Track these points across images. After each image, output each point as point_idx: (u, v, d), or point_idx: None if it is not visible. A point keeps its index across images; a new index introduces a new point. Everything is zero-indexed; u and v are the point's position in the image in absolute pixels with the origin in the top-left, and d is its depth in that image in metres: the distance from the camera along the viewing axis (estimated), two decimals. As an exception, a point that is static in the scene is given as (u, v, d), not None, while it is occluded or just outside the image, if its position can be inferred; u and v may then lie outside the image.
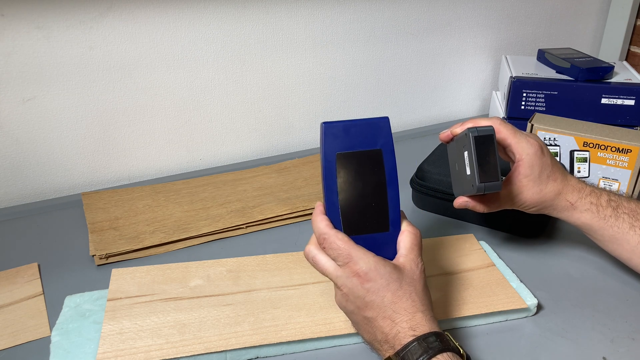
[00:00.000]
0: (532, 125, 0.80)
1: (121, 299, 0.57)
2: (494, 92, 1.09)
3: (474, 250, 0.67)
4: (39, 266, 0.66)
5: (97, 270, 0.66)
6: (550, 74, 0.96)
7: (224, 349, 0.52)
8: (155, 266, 0.63)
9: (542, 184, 0.60)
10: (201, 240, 0.71)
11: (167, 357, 0.50)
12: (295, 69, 0.95)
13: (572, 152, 0.79)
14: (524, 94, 0.93)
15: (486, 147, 0.56)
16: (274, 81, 0.95)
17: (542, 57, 1.01)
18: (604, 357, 0.54)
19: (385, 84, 1.06)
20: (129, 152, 0.88)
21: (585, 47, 1.26)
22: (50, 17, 0.75)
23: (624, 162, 0.75)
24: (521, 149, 0.59)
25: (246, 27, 0.88)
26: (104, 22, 0.78)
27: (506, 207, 0.62)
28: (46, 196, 0.85)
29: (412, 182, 0.80)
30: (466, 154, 0.57)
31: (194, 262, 0.64)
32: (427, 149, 0.87)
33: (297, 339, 0.53)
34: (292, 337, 0.53)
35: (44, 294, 0.62)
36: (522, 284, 0.61)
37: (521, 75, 0.94)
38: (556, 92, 0.92)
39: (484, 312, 0.57)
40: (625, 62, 1.01)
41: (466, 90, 1.16)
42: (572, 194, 0.60)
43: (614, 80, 0.92)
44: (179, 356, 0.51)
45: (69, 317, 0.56)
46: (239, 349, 0.52)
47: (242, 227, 0.74)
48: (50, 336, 0.54)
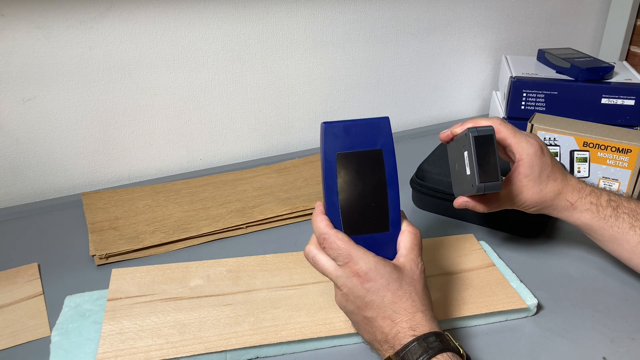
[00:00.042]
0: (532, 125, 0.80)
1: (121, 299, 0.57)
2: (494, 92, 1.09)
3: (474, 250, 0.67)
4: (39, 266, 0.66)
5: (97, 270, 0.66)
6: (550, 74, 0.96)
7: (224, 349, 0.52)
8: (155, 266, 0.63)
9: (542, 184, 0.60)
10: (201, 240, 0.71)
11: (167, 357, 0.50)
12: (295, 69, 0.95)
13: (572, 152, 0.79)
14: (524, 94, 0.93)
15: (486, 147, 0.56)
16: (274, 81, 0.95)
17: (542, 57, 1.01)
18: (604, 357, 0.54)
19: (385, 84, 1.06)
20: (129, 152, 0.88)
21: (585, 47, 1.26)
22: (50, 17, 0.75)
23: (624, 162, 0.75)
24: (521, 148, 0.59)
25: (246, 27, 0.88)
26: (104, 22, 0.78)
27: (506, 207, 0.62)
28: (46, 196, 0.85)
29: (412, 182, 0.80)
30: (466, 154, 0.57)
31: (194, 262, 0.64)
32: (427, 149, 0.87)
33: (297, 339, 0.53)
34: (292, 337, 0.53)
35: (44, 294, 0.62)
36: (522, 284, 0.61)
37: (521, 75, 0.94)
38: (556, 92, 0.92)
39: (484, 312, 0.57)
40: (625, 62, 1.01)
41: (466, 90, 1.16)
42: (572, 193, 0.61)
43: (614, 80, 0.92)
44: (179, 356, 0.51)
45: (69, 317, 0.56)
46: (239, 349, 0.52)
47: (242, 227, 0.74)
48: (50, 336, 0.54)
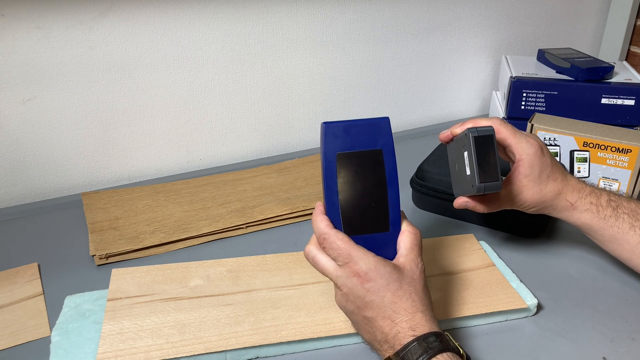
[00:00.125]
0: (532, 125, 0.80)
1: (121, 299, 0.57)
2: (494, 92, 1.09)
3: (474, 250, 0.67)
4: (39, 266, 0.66)
5: (97, 270, 0.66)
6: (550, 74, 0.96)
7: (224, 349, 0.52)
8: (155, 266, 0.63)
9: (542, 184, 0.60)
10: (201, 240, 0.71)
11: (167, 357, 0.50)
12: (295, 69, 0.95)
13: (572, 152, 0.79)
14: (524, 94, 0.93)
15: (486, 147, 0.56)
16: (274, 81, 0.95)
17: (542, 57, 1.01)
18: (604, 357, 0.54)
19: (385, 84, 1.06)
20: (129, 152, 0.88)
21: (585, 47, 1.26)
22: (50, 17, 0.75)
23: (624, 162, 0.75)
24: (521, 149, 0.59)
25: (246, 27, 0.88)
26: (104, 22, 0.78)
27: (506, 207, 0.62)
28: (46, 196, 0.85)
29: (412, 182, 0.80)
30: (466, 154, 0.57)
31: (194, 262, 0.64)
32: (427, 149, 0.87)
33: (297, 339, 0.53)
34: (292, 337, 0.53)
35: (44, 294, 0.62)
36: (522, 284, 0.61)
37: (521, 75, 0.94)
38: (556, 92, 0.92)
39: (484, 312, 0.57)
40: (625, 62, 1.01)
41: (466, 90, 1.16)
42: (572, 194, 0.60)
43: (614, 80, 0.92)
44: (179, 356, 0.51)
45: (69, 317, 0.56)
46: (239, 349, 0.52)
47: (242, 227, 0.74)
48: (50, 336, 0.54)
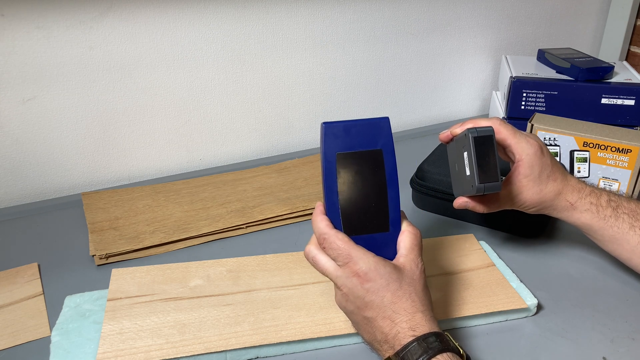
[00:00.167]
0: (532, 125, 0.80)
1: (121, 299, 0.57)
2: (494, 92, 1.09)
3: (474, 250, 0.67)
4: (39, 266, 0.66)
5: (97, 270, 0.66)
6: (550, 74, 0.96)
7: (224, 349, 0.52)
8: (155, 266, 0.63)
9: (542, 184, 0.60)
10: (201, 240, 0.71)
11: (167, 357, 0.50)
12: (295, 69, 0.95)
13: (572, 152, 0.79)
14: (524, 94, 0.93)
15: (486, 147, 0.56)
16: (274, 81, 0.95)
17: (542, 57, 1.01)
18: (604, 357, 0.54)
19: (385, 84, 1.06)
20: (129, 152, 0.88)
21: (585, 47, 1.26)
22: (50, 17, 0.75)
23: (624, 162, 0.75)
24: (521, 149, 0.59)
25: (246, 27, 0.88)
26: (104, 22, 0.78)
27: (506, 207, 0.62)
28: (46, 196, 0.85)
29: (412, 182, 0.80)
30: (466, 154, 0.57)
31: (194, 262, 0.64)
32: (427, 149, 0.87)
33: (297, 339, 0.53)
34: (292, 337, 0.53)
35: (44, 294, 0.62)
36: (522, 284, 0.61)
37: (521, 75, 0.94)
38: (556, 92, 0.92)
39: (484, 312, 0.57)
40: (625, 62, 1.01)
41: (466, 90, 1.16)
42: (572, 194, 0.60)
43: (614, 80, 0.92)
44: (179, 356, 0.51)
45: (69, 317, 0.56)
46: (239, 349, 0.52)
47: (242, 227, 0.74)
48: (50, 336, 0.54)
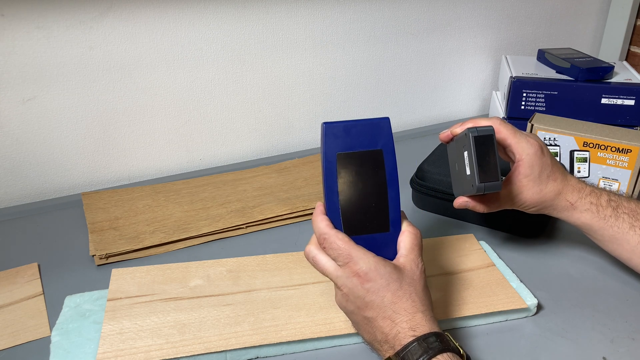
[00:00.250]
0: (532, 125, 0.80)
1: (121, 299, 0.57)
2: (494, 92, 1.09)
3: (474, 250, 0.67)
4: (39, 266, 0.66)
5: (97, 270, 0.66)
6: (550, 74, 0.96)
7: (224, 349, 0.52)
8: (155, 266, 0.63)
9: (542, 184, 0.60)
10: (201, 240, 0.71)
11: (167, 357, 0.50)
12: (295, 69, 0.95)
13: (572, 152, 0.79)
14: (524, 94, 0.93)
15: (486, 147, 0.56)
16: (274, 81, 0.95)
17: (542, 57, 1.01)
18: (604, 357, 0.54)
19: (385, 84, 1.06)
20: (129, 152, 0.88)
21: (585, 47, 1.26)
22: (50, 17, 0.75)
23: (624, 162, 0.75)
24: (521, 149, 0.59)
25: (246, 27, 0.88)
26: (104, 22, 0.78)
27: (506, 207, 0.62)
28: (46, 196, 0.85)
29: (412, 182, 0.80)
30: (466, 154, 0.57)
31: (194, 262, 0.64)
32: (427, 149, 0.87)
33: (297, 339, 0.53)
34: (292, 337, 0.53)
35: (44, 294, 0.62)
36: (522, 284, 0.61)
37: (521, 75, 0.94)
38: (556, 92, 0.92)
39: (484, 312, 0.57)
40: (625, 62, 1.01)
41: (466, 90, 1.16)
42: (572, 194, 0.60)
43: (614, 80, 0.92)
44: (179, 356, 0.51)
45: (69, 317, 0.56)
46: (239, 349, 0.52)
47: (242, 227, 0.74)
48: (50, 336, 0.54)
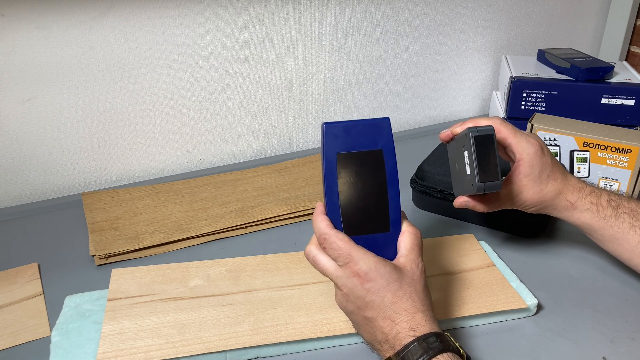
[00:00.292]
0: (532, 125, 0.80)
1: (121, 299, 0.57)
2: (494, 92, 1.09)
3: (474, 250, 0.67)
4: (39, 266, 0.66)
5: (97, 270, 0.66)
6: (550, 74, 0.96)
7: (224, 349, 0.52)
8: (155, 266, 0.63)
9: (542, 184, 0.60)
10: (201, 240, 0.71)
11: (167, 357, 0.50)
12: (295, 69, 0.95)
13: (572, 152, 0.79)
14: (524, 94, 0.93)
15: (486, 146, 0.56)
16: (274, 81, 0.95)
17: (542, 57, 1.01)
18: (604, 357, 0.54)
19: (385, 84, 1.06)
20: (129, 152, 0.88)
21: (585, 47, 1.26)
22: (50, 17, 0.75)
23: (624, 162, 0.75)
24: (521, 148, 0.59)
25: (246, 27, 0.88)
26: (104, 22, 0.78)
27: (506, 206, 0.62)
28: (46, 196, 0.85)
29: (412, 182, 0.80)
30: (466, 153, 0.57)
31: (194, 262, 0.64)
32: (427, 149, 0.87)
33: (297, 339, 0.53)
34: (292, 337, 0.53)
35: (44, 294, 0.62)
36: (522, 284, 0.61)
37: (521, 75, 0.94)
38: (556, 92, 0.92)
39: (484, 312, 0.57)
40: (625, 62, 1.01)
41: (466, 90, 1.16)
42: (572, 193, 0.60)
43: (614, 80, 0.92)
44: (179, 356, 0.51)
45: (69, 317, 0.56)
46: (239, 349, 0.52)
47: (242, 227, 0.74)
48: (50, 336, 0.54)
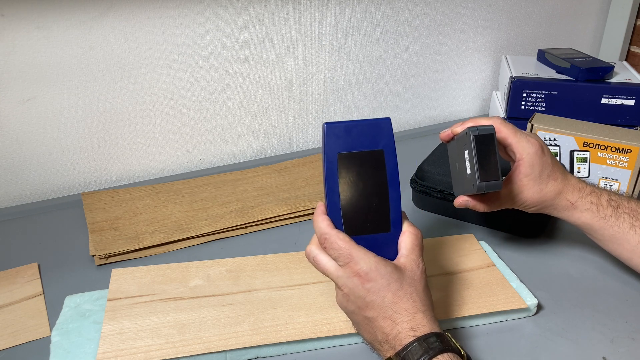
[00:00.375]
0: (532, 125, 0.80)
1: (121, 299, 0.57)
2: (494, 92, 1.09)
3: (474, 250, 0.67)
4: (39, 266, 0.66)
5: (97, 270, 0.66)
6: (550, 74, 0.96)
7: (224, 349, 0.52)
8: (155, 266, 0.63)
9: (542, 184, 0.60)
10: (201, 240, 0.71)
11: (167, 357, 0.50)
12: (295, 69, 0.95)
13: (572, 152, 0.79)
14: (524, 94, 0.93)
15: (486, 146, 0.56)
16: (274, 81, 0.95)
17: (542, 57, 1.01)
18: (604, 357, 0.54)
19: (385, 84, 1.06)
20: (129, 152, 0.88)
21: (585, 47, 1.26)
22: (50, 17, 0.74)
23: (624, 162, 0.75)
24: (522, 148, 0.59)
25: (246, 27, 0.88)
26: (104, 22, 0.78)
27: (506, 206, 0.62)
28: (46, 196, 0.85)
29: (412, 182, 0.80)
30: (466, 153, 0.57)
31: (194, 262, 0.64)
32: (427, 149, 0.87)
33: (297, 339, 0.53)
34: (292, 337, 0.53)
35: (44, 294, 0.62)
36: (522, 284, 0.61)
37: (521, 75, 0.94)
38: (556, 92, 0.92)
39: (484, 312, 0.57)
40: (625, 62, 1.01)
41: (466, 90, 1.16)
42: (572, 193, 0.60)
43: (614, 80, 0.92)
44: (179, 356, 0.51)
45: (69, 317, 0.56)
46: (239, 349, 0.52)
47: (242, 227, 0.74)
48: (50, 336, 0.54)
